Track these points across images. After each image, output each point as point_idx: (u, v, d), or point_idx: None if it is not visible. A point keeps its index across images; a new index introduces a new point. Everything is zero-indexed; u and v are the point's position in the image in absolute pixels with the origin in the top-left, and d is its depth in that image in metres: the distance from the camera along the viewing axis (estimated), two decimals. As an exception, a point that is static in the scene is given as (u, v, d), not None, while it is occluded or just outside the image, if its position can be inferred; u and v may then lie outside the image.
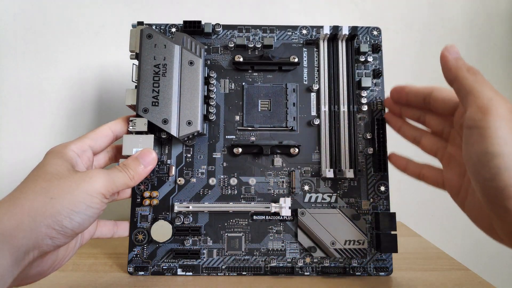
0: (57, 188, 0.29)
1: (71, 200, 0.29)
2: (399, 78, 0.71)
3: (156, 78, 0.40)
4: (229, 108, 0.45)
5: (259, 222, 0.43)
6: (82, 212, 0.30)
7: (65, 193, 0.29)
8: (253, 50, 0.46)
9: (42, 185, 0.29)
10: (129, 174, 0.35)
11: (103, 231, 0.40)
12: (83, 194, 0.30)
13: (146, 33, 0.40)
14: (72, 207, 0.29)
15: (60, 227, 0.28)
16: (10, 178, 0.66)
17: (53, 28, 0.68)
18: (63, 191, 0.29)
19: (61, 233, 0.29)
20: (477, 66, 0.30)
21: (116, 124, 0.39)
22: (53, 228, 0.28)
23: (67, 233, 0.29)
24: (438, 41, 0.72)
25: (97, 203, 0.31)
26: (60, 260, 0.33)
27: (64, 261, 0.34)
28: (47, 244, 0.28)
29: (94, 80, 0.68)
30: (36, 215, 0.27)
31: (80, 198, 0.30)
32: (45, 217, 0.28)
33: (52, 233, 0.28)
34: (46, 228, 0.28)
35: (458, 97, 0.30)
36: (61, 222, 0.28)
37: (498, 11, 0.73)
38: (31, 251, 0.27)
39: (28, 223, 0.27)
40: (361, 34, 0.46)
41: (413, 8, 0.72)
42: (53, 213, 0.28)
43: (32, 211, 0.27)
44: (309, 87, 0.45)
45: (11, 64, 0.67)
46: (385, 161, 0.43)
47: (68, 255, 0.34)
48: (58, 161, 0.32)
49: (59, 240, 0.29)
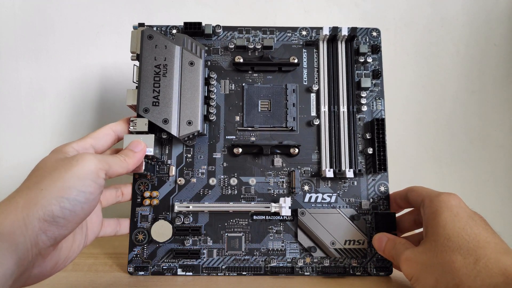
0: (47, 179, 0.29)
1: (61, 187, 0.28)
2: (399, 78, 0.71)
3: (156, 78, 0.40)
4: (229, 109, 0.45)
5: (259, 222, 0.43)
6: (73, 198, 0.29)
7: (55, 181, 0.29)
8: (253, 51, 0.46)
9: (35, 180, 0.29)
10: (120, 157, 0.35)
11: (107, 230, 0.40)
12: (73, 179, 0.29)
13: (147, 34, 0.41)
14: (63, 194, 0.28)
15: (51, 217, 0.28)
16: (10, 179, 0.66)
17: (53, 28, 0.68)
18: (52, 180, 0.29)
19: (54, 224, 0.28)
20: (477, 66, 0.30)
21: (118, 125, 0.39)
22: (44, 220, 0.27)
23: (60, 223, 0.28)
24: (438, 41, 0.72)
25: (89, 186, 0.30)
26: (63, 260, 0.33)
27: (67, 262, 0.34)
28: (42, 240, 0.28)
29: (94, 80, 0.68)
30: (29, 209, 0.27)
31: (70, 184, 0.29)
32: (37, 210, 0.27)
33: (45, 225, 0.27)
34: (38, 222, 0.27)
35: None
36: (51, 212, 0.27)
37: (498, 11, 0.73)
38: (29, 250, 0.27)
39: (22, 219, 0.27)
40: (360, 35, 0.46)
41: (413, 8, 0.72)
42: (43, 204, 0.27)
43: (25, 207, 0.27)
44: (308, 88, 0.45)
45: (11, 64, 0.67)
46: (385, 161, 0.43)
47: (72, 255, 0.34)
48: (52, 156, 0.32)
49: (52, 232, 0.28)
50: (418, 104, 0.72)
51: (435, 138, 0.72)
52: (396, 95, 0.71)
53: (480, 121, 0.72)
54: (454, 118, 0.72)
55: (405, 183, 0.62)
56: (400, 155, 0.70)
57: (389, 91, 0.42)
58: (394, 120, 0.71)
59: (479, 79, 0.72)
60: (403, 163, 0.70)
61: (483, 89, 0.72)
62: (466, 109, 0.72)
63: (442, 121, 0.72)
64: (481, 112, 0.73)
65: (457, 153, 0.71)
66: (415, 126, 0.72)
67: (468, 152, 0.71)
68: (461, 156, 0.71)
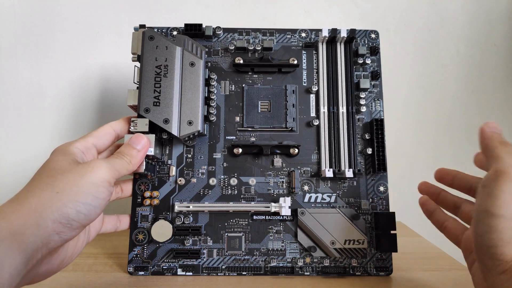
0: (62, 182, 0.29)
1: (77, 192, 0.29)
2: (398, 78, 0.71)
3: (157, 79, 0.40)
4: (230, 109, 0.45)
5: (259, 222, 0.43)
6: (88, 203, 0.30)
7: (71, 185, 0.29)
8: (253, 52, 0.46)
9: (47, 181, 0.29)
10: (126, 159, 0.36)
11: (108, 226, 0.40)
12: (88, 185, 0.30)
13: (148, 35, 0.41)
14: (79, 198, 0.29)
15: (66, 220, 0.28)
16: (11, 178, 0.66)
17: (53, 28, 0.68)
18: (68, 184, 0.29)
19: (68, 227, 0.29)
20: (477, 66, 0.30)
21: (118, 124, 0.39)
22: (59, 222, 0.28)
23: (73, 226, 0.29)
24: (438, 41, 0.72)
25: (103, 192, 0.31)
26: (69, 257, 0.34)
27: (73, 258, 0.34)
28: (54, 240, 0.28)
29: (94, 80, 0.68)
30: (42, 210, 0.27)
31: (86, 189, 0.30)
32: (52, 212, 0.28)
33: (59, 227, 0.28)
34: (53, 223, 0.28)
35: (487, 166, 0.31)
36: (67, 215, 0.28)
37: (498, 11, 0.73)
38: (39, 249, 0.27)
39: (35, 220, 0.27)
40: (359, 37, 0.46)
41: (412, 8, 0.72)
42: (59, 207, 0.28)
43: (39, 207, 0.28)
44: (308, 89, 0.45)
45: (11, 64, 0.67)
46: (384, 161, 0.43)
47: (77, 252, 0.35)
48: (61, 157, 0.32)
49: (65, 234, 0.29)
50: (418, 104, 0.72)
51: (435, 138, 0.72)
52: (396, 95, 0.71)
53: (480, 121, 0.72)
54: (454, 118, 0.72)
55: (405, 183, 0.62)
56: (400, 155, 0.70)
57: (388, 91, 0.42)
58: (393, 120, 0.71)
59: (479, 79, 0.72)
60: (403, 163, 0.71)
61: (483, 89, 0.73)
62: (466, 109, 0.72)
63: (442, 121, 0.72)
64: (481, 112, 0.73)
65: (457, 153, 0.72)
66: (414, 126, 0.72)
67: (468, 152, 0.71)
68: (461, 156, 0.71)
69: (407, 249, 0.48)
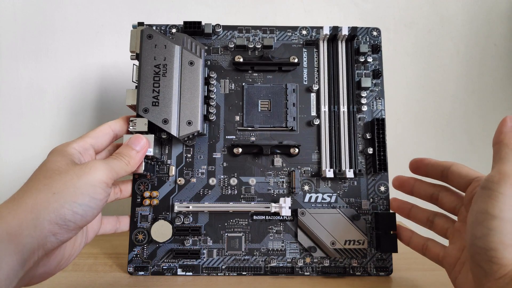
0: (59, 183, 0.29)
1: (74, 193, 0.29)
2: (398, 78, 0.71)
3: (156, 78, 0.40)
4: (229, 108, 0.45)
5: (259, 222, 0.43)
6: (85, 204, 0.30)
7: (68, 187, 0.29)
8: (253, 50, 0.46)
9: (44, 182, 0.29)
10: (124, 160, 0.35)
11: (107, 227, 0.40)
12: (86, 186, 0.30)
13: (147, 33, 0.40)
14: (75, 199, 0.29)
15: (63, 221, 0.28)
16: (10, 178, 0.66)
17: (53, 28, 0.68)
18: (65, 185, 0.29)
19: (64, 228, 0.29)
20: (477, 66, 0.30)
21: (117, 123, 0.39)
22: (56, 223, 0.28)
23: (70, 227, 0.29)
24: (438, 41, 0.72)
25: (100, 193, 0.31)
26: (67, 259, 0.33)
27: (70, 260, 0.34)
28: (51, 242, 0.28)
29: (94, 80, 0.68)
30: (39, 211, 0.27)
31: (83, 190, 0.30)
32: (48, 213, 0.28)
33: (55, 228, 0.28)
34: (49, 224, 0.28)
35: (493, 161, 0.30)
36: (64, 216, 0.28)
37: (498, 11, 0.73)
38: (36, 251, 0.27)
39: (31, 220, 0.27)
40: (360, 35, 0.46)
41: (413, 7, 0.72)
42: (56, 208, 0.28)
43: (35, 208, 0.27)
44: (309, 88, 0.45)
45: (11, 64, 0.67)
46: (385, 161, 0.43)
47: (74, 253, 0.34)
48: (58, 158, 0.32)
49: (62, 235, 0.29)
50: (418, 103, 0.72)
51: (435, 138, 0.72)
52: (396, 94, 0.71)
53: (480, 121, 0.72)
54: (454, 118, 0.72)
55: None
56: (400, 155, 0.70)
57: (389, 91, 0.42)
58: (394, 120, 0.71)
59: (479, 79, 0.72)
60: (403, 163, 0.70)
61: (483, 89, 0.72)
62: (466, 109, 0.72)
63: (442, 121, 0.72)
64: (481, 112, 0.73)
65: (457, 153, 0.71)
66: (415, 126, 0.72)
67: (468, 152, 0.71)
68: (461, 156, 0.71)
69: (407, 249, 0.48)
